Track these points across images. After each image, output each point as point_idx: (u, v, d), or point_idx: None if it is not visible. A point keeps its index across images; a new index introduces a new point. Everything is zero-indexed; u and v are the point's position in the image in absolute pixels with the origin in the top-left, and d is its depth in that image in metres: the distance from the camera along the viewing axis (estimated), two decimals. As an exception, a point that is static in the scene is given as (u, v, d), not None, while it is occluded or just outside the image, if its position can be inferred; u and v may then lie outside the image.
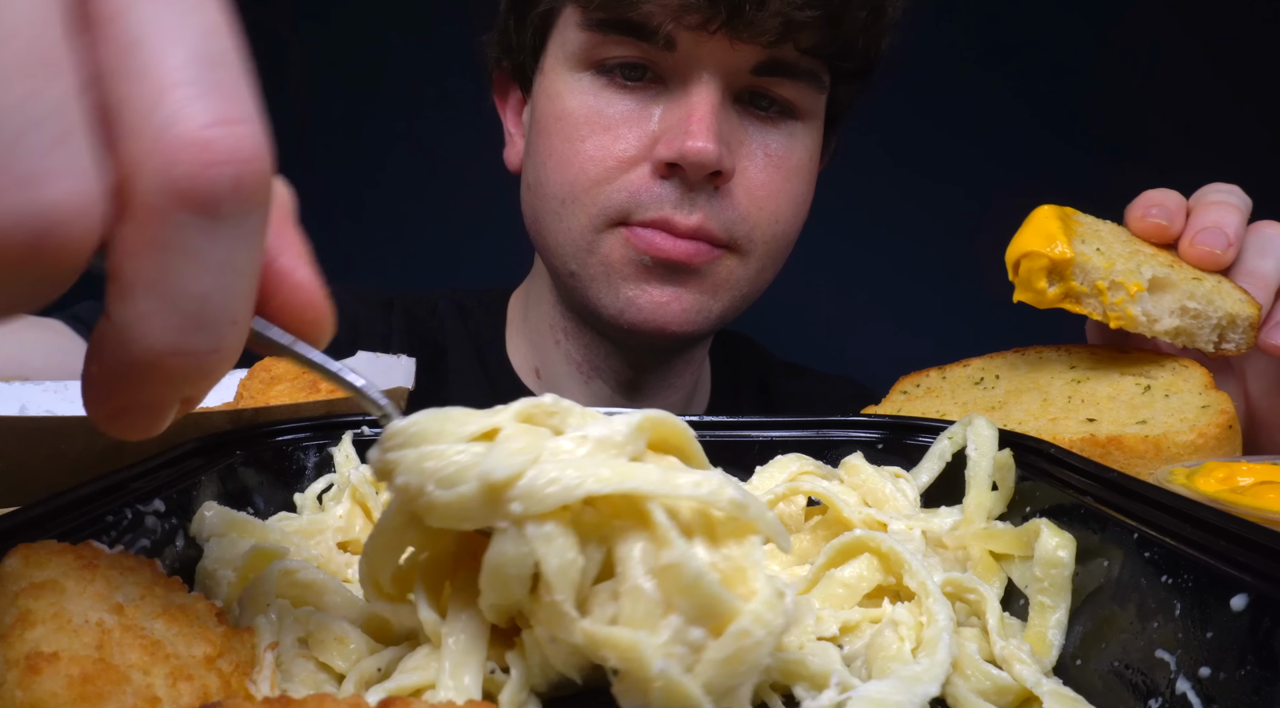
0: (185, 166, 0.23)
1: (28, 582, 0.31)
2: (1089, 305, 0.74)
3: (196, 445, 0.52)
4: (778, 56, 0.91)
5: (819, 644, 0.40)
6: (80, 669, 0.28)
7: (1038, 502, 0.48)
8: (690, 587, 0.29)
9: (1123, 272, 0.73)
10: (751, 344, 1.34)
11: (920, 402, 0.81)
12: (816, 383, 1.31)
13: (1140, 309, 0.73)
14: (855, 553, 0.45)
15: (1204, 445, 0.64)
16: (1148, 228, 0.79)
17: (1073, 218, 0.79)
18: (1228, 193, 0.80)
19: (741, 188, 0.94)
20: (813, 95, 0.97)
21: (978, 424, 0.53)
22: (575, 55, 0.94)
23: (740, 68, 0.90)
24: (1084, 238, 0.76)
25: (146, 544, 0.44)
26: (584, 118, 0.94)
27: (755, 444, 0.60)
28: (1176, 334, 0.73)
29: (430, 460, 0.31)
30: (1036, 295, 0.74)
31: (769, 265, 1.02)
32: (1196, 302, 0.72)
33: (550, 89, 0.98)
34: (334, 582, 0.44)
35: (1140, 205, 0.80)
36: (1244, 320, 0.73)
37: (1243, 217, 0.78)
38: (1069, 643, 0.41)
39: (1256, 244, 0.77)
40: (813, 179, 1.03)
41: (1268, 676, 0.31)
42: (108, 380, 0.27)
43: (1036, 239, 0.74)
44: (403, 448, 0.32)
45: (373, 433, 0.60)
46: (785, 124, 0.97)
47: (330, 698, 0.28)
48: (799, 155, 0.98)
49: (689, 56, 0.89)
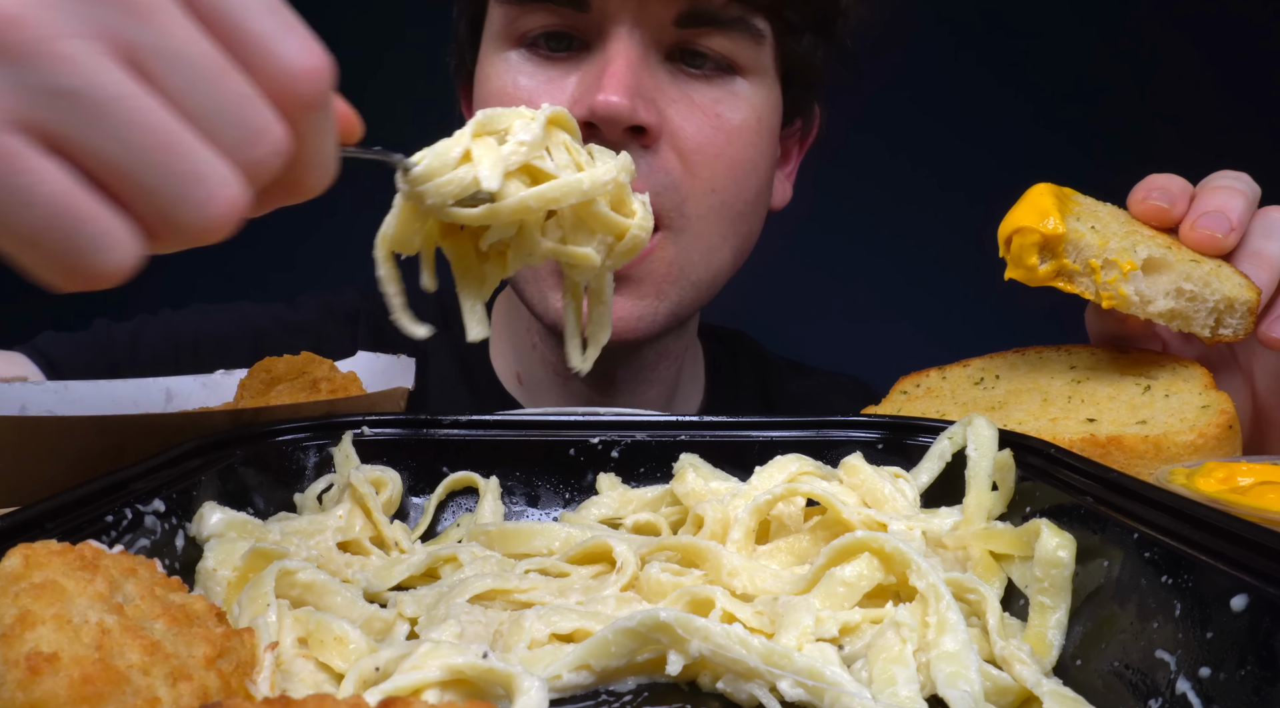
0: (303, 87, 0.38)
1: (28, 582, 0.31)
2: (1081, 284, 0.72)
3: (196, 445, 0.52)
4: (699, 5, 0.87)
5: (817, 646, 0.40)
6: (80, 670, 0.28)
7: (1038, 502, 0.48)
8: (596, 215, 0.52)
9: (1117, 250, 0.71)
10: (749, 342, 1.32)
11: (920, 402, 0.80)
12: (817, 381, 1.29)
13: (1133, 288, 0.71)
14: (856, 553, 0.45)
15: (1204, 445, 0.64)
16: (1148, 210, 0.77)
17: (1070, 197, 0.78)
18: (1234, 179, 0.77)
19: (673, 149, 0.89)
20: (751, 47, 0.92)
21: (978, 424, 0.53)
22: (499, 33, 0.92)
23: (662, 20, 0.87)
24: (1079, 216, 0.74)
25: (146, 544, 0.44)
26: (509, 94, 0.91)
27: (755, 444, 0.60)
28: (1171, 316, 0.72)
29: (447, 186, 0.49)
30: (1027, 272, 0.73)
31: (719, 244, 0.95)
32: (1193, 284, 0.71)
33: (481, 73, 0.95)
34: (334, 582, 0.44)
35: (1142, 188, 0.78)
36: (1242, 305, 0.71)
37: (1248, 202, 0.75)
38: (1069, 643, 0.41)
39: (1263, 227, 0.75)
40: (764, 144, 0.96)
41: (1268, 676, 0.31)
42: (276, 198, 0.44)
43: (1029, 215, 0.72)
44: (422, 184, 0.49)
45: (373, 433, 0.60)
46: (723, 80, 0.92)
47: (330, 698, 0.28)
48: (743, 114, 0.92)
49: (604, 13, 0.86)
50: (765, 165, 0.98)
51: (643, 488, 0.59)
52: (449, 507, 0.60)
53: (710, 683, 0.39)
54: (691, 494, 0.55)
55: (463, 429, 0.61)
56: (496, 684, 0.35)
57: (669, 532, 0.55)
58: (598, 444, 0.61)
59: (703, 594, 0.44)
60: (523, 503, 0.60)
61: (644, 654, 0.39)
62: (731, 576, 0.47)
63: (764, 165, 0.97)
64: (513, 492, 0.60)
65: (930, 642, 0.39)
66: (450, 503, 0.60)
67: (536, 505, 0.60)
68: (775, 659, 0.37)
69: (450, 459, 0.60)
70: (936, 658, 0.38)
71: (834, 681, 0.36)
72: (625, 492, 0.59)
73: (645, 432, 0.61)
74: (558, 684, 0.38)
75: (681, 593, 0.45)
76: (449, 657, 0.35)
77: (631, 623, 0.38)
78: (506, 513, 0.59)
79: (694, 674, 0.39)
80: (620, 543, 0.50)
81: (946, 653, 0.38)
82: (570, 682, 0.39)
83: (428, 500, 0.59)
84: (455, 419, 0.61)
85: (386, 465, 0.59)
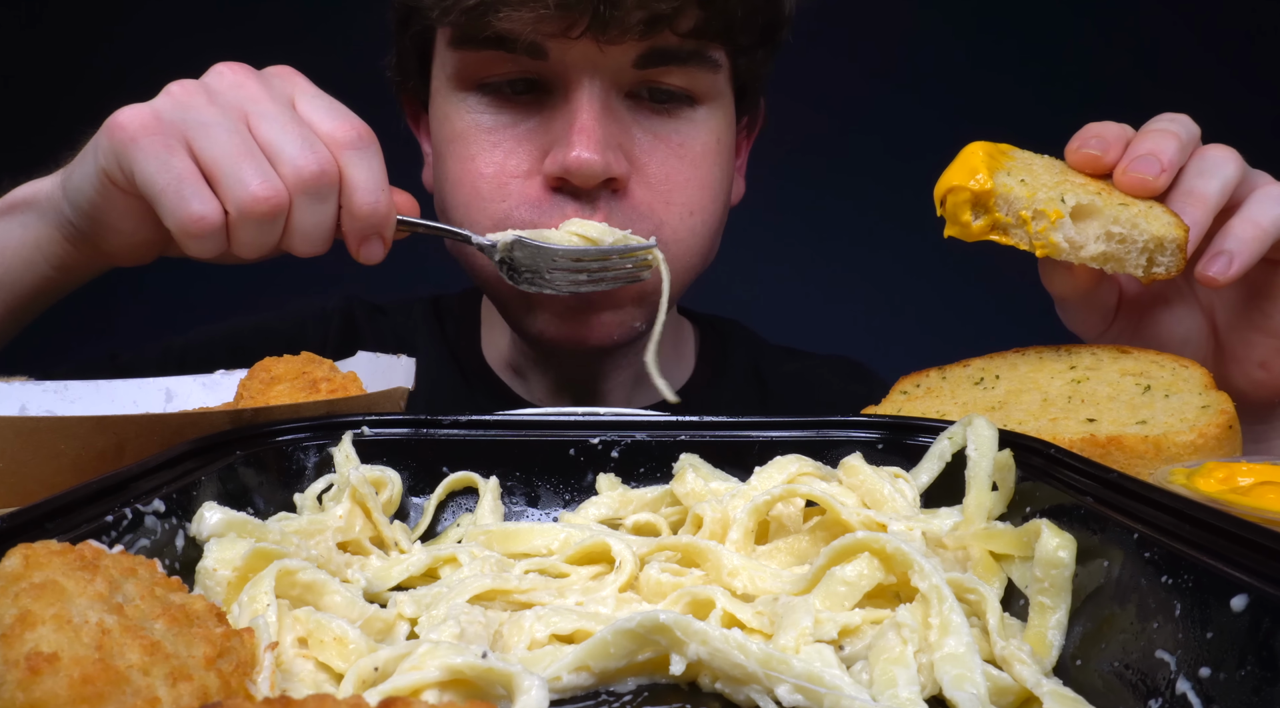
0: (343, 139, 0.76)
1: (28, 582, 0.31)
2: (1015, 236, 0.75)
3: (196, 445, 0.52)
4: (658, 46, 0.88)
5: (815, 647, 0.40)
6: (80, 670, 0.28)
7: (1038, 502, 0.48)
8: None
9: (1045, 200, 0.73)
10: (744, 329, 1.32)
11: (920, 402, 0.80)
12: (814, 364, 1.29)
13: (1062, 236, 0.73)
14: (856, 554, 0.45)
15: (1204, 445, 0.64)
16: (1081, 159, 0.79)
17: (1005, 153, 0.80)
18: (1170, 121, 0.78)
19: (643, 187, 0.92)
20: (708, 78, 0.94)
21: (978, 424, 0.53)
22: (455, 76, 0.93)
23: (621, 64, 0.88)
24: (1010, 171, 0.77)
25: (146, 544, 0.44)
26: (474, 137, 0.93)
27: (755, 444, 0.60)
28: (1105, 260, 0.74)
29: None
30: (962, 229, 0.76)
31: (697, 263, 0.99)
32: (1121, 226, 0.73)
33: (439, 112, 0.97)
34: (334, 582, 0.44)
35: (1078, 137, 0.80)
36: (1171, 243, 0.72)
37: (1181, 144, 0.76)
38: (1069, 643, 0.41)
39: (1197, 166, 0.76)
40: (725, 160, 1.00)
41: (1268, 676, 0.31)
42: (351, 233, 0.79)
43: (960, 174, 0.76)
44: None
45: (373, 433, 0.60)
46: (684, 112, 0.94)
47: (330, 698, 0.28)
48: (704, 140, 0.95)
49: (563, 63, 0.87)
50: (728, 177, 1.02)
51: (642, 488, 0.59)
52: (449, 507, 0.60)
53: (711, 684, 0.39)
54: (691, 494, 0.55)
55: (463, 429, 0.61)
56: (496, 684, 0.35)
57: (669, 532, 0.55)
58: (598, 444, 0.61)
59: (703, 595, 0.44)
60: (522, 503, 0.60)
61: (644, 655, 0.39)
62: (732, 575, 0.47)
63: (727, 178, 1.02)
64: (512, 492, 0.60)
65: (933, 643, 0.39)
66: (450, 503, 0.60)
67: (536, 506, 0.60)
68: (774, 664, 0.36)
69: (450, 459, 0.60)
70: (941, 660, 0.38)
71: (833, 684, 0.36)
72: (625, 492, 0.59)
73: (645, 432, 0.61)
74: (557, 685, 0.38)
75: (681, 593, 0.45)
76: (448, 657, 0.35)
77: (631, 624, 0.38)
78: (506, 513, 0.59)
79: (695, 675, 0.39)
80: (619, 543, 0.50)
81: (952, 655, 0.38)
82: (570, 683, 0.39)
83: (428, 501, 0.59)
84: (455, 419, 0.61)
85: (386, 465, 0.59)
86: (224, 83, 0.76)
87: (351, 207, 0.76)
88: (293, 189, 0.74)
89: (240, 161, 0.72)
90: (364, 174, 0.76)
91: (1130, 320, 0.85)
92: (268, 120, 0.75)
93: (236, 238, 0.75)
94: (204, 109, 0.74)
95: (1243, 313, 0.80)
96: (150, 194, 0.73)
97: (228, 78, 0.77)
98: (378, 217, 0.77)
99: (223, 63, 0.79)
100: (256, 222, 0.73)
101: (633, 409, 0.86)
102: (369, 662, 0.37)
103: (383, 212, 0.77)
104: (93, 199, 0.79)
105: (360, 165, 0.76)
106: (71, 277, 0.89)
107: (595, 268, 0.87)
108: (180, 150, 0.73)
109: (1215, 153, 0.76)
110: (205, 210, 0.72)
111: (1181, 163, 0.76)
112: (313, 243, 0.77)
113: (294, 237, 0.77)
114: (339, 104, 0.79)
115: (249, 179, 0.72)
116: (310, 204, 0.75)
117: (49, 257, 0.86)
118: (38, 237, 0.85)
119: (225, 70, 0.78)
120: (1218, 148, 0.77)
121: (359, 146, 0.76)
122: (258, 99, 0.76)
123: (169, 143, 0.72)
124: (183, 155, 0.73)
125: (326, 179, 0.75)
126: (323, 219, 0.76)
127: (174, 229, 0.73)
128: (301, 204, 0.75)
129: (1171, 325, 0.84)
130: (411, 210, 0.83)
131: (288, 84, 0.79)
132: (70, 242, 0.85)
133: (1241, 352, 0.81)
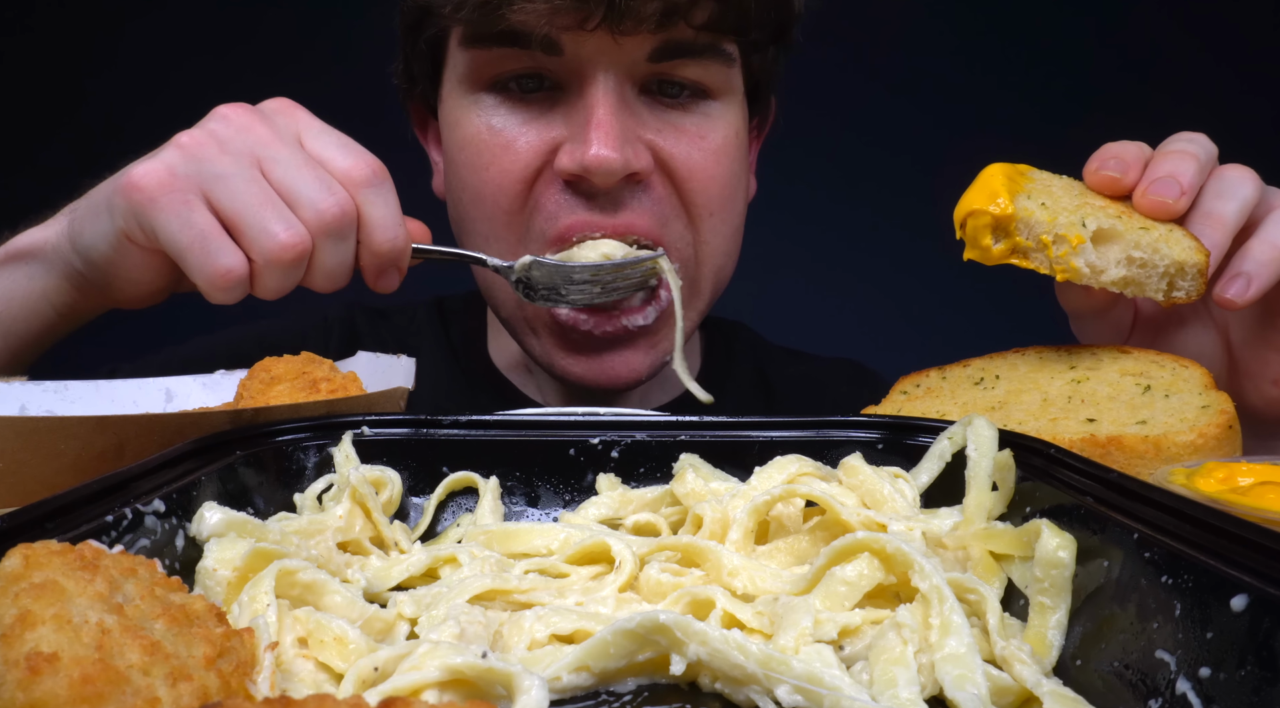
0: (359, 178, 0.77)
1: (28, 582, 0.31)
2: (1036, 260, 0.75)
3: (196, 445, 0.52)
4: (673, 38, 0.88)
5: (815, 648, 0.40)
6: (80, 670, 0.28)
7: (1038, 502, 0.48)
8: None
9: (1065, 225, 0.73)
10: (749, 331, 1.33)
11: (920, 402, 0.80)
12: (817, 367, 1.30)
13: (1084, 261, 0.73)
14: (856, 554, 0.45)
15: (1204, 445, 0.64)
16: (1101, 181, 0.78)
17: (1024, 174, 0.79)
18: (1188, 142, 0.78)
19: (665, 176, 0.92)
20: (722, 72, 0.94)
21: (978, 424, 0.53)
22: (467, 77, 0.93)
23: (636, 58, 0.88)
24: (1030, 194, 0.76)
25: (146, 544, 0.44)
26: (484, 140, 0.92)
27: (755, 444, 0.60)
28: (1125, 284, 0.74)
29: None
30: (983, 252, 0.76)
31: (724, 263, 0.99)
32: (1142, 251, 0.73)
33: (450, 117, 0.96)
34: (334, 582, 0.44)
35: (1096, 158, 0.80)
36: (1192, 268, 0.72)
37: (1200, 165, 0.76)
38: (1069, 643, 0.41)
39: (1215, 187, 0.76)
40: (741, 155, 0.99)
41: (1268, 676, 0.31)
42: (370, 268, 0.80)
43: (980, 197, 0.75)
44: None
45: (373, 433, 0.60)
46: (700, 106, 0.94)
47: (330, 698, 0.28)
48: (723, 132, 0.95)
49: (578, 57, 0.87)
50: (745, 174, 1.02)
51: (642, 488, 0.59)
52: (449, 507, 0.60)
53: (711, 684, 0.39)
54: (691, 494, 0.55)
55: (463, 429, 0.61)
56: (496, 684, 0.35)
57: (669, 532, 0.55)
58: (598, 444, 0.61)
59: (703, 595, 0.44)
60: (522, 503, 0.60)
61: (644, 655, 0.39)
62: (732, 575, 0.47)
63: (745, 175, 1.02)
64: (512, 492, 0.60)
65: (934, 644, 0.39)
66: (450, 503, 0.60)
67: (536, 506, 0.60)
68: (773, 665, 0.36)
69: (450, 459, 0.60)
70: (942, 660, 0.38)
71: (833, 685, 0.36)
72: (625, 492, 0.59)
73: (645, 432, 0.61)
74: (557, 685, 0.38)
75: (681, 594, 0.45)
76: (448, 657, 0.35)
77: (631, 625, 0.38)
78: (506, 513, 0.59)
79: (694, 675, 0.39)
80: (619, 543, 0.50)
81: (952, 655, 0.38)
82: (570, 683, 0.39)
83: (428, 501, 0.59)
84: (455, 419, 0.61)
85: (386, 465, 0.59)
86: (231, 129, 0.76)
87: (371, 244, 0.78)
88: (315, 232, 0.74)
89: (262, 211, 0.72)
90: (381, 211, 0.77)
91: (1145, 338, 0.85)
92: (281, 164, 0.75)
93: (261, 284, 0.75)
94: (217, 160, 0.73)
95: (1258, 331, 0.80)
96: (175, 252, 0.73)
97: (234, 122, 0.76)
98: (396, 251, 0.79)
99: (223, 105, 0.78)
100: (283, 268, 0.74)
101: (632, 409, 0.87)
102: (369, 662, 0.37)
103: (400, 246, 0.79)
104: (108, 255, 0.78)
105: (377, 202, 0.77)
106: (78, 320, 0.89)
107: (609, 280, 0.88)
108: (200, 206, 0.72)
109: (1233, 173, 0.76)
110: (232, 263, 0.72)
111: (1200, 184, 0.76)
112: (335, 280, 0.78)
113: (316, 275, 0.77)
114: (346, 138, 0.79)
115: (274, 228, 0.72)
116: (332, 245, 0.76)
117: (56, 305, 0.86)
118: (44, 287, 0.85)
119: (230, 113, 0.77)
120: (1235, 168, 0.77)
121: (374, 183, 0.77)
122: (267, 142, 0.75)
123: (188, 199, 0.72)
124: (203, 211, 0.72)
125: (347, 220, 0.76)
126: (345, 257, 0.77)
127: (202, 284, 0.74)
128: (324, 245, 0.75)
129: (1186, 343, 0.84)
130: (424, 238, 0.84)
131: (291, 121, 0.78)
132: (79, 290, 0.84)
133: (1256, 369, 0.81)
